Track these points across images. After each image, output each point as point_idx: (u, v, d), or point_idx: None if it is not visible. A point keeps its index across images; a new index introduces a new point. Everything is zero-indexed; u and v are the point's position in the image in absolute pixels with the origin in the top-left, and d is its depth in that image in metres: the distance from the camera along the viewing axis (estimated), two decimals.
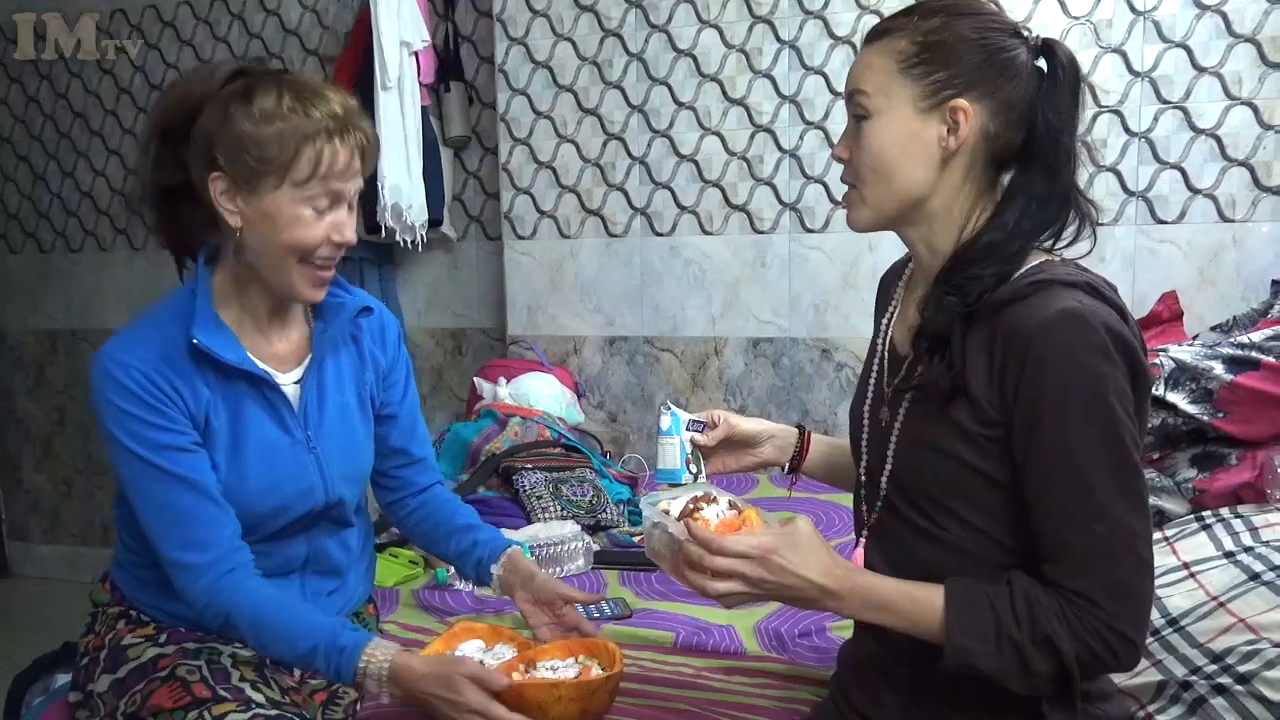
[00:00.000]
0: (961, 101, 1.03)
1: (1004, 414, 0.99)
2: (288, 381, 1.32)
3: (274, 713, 1.18)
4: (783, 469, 1.36)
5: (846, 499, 1.39)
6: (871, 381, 1.18)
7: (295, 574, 1.35)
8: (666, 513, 1.12)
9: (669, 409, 1.34)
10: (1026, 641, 0.96)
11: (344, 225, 1.23)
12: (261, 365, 1.28)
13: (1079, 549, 0.96)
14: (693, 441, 1.33)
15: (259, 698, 1.21)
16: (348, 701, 1.36)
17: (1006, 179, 1.08)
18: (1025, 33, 1.06)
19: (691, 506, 1.11)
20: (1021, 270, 1.03)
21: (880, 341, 1.19)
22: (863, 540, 1.15)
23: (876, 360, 1.18)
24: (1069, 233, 1.06)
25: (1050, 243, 1.06)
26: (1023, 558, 1.02)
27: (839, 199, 2.57)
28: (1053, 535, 0.98)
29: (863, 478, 1.17)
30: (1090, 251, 1.06)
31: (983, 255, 1.03)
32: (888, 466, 1.10)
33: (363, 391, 1.40)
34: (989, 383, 0.99)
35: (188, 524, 1.21)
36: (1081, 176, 1.07)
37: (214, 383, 1.25)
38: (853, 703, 1.18)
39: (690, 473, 1.33)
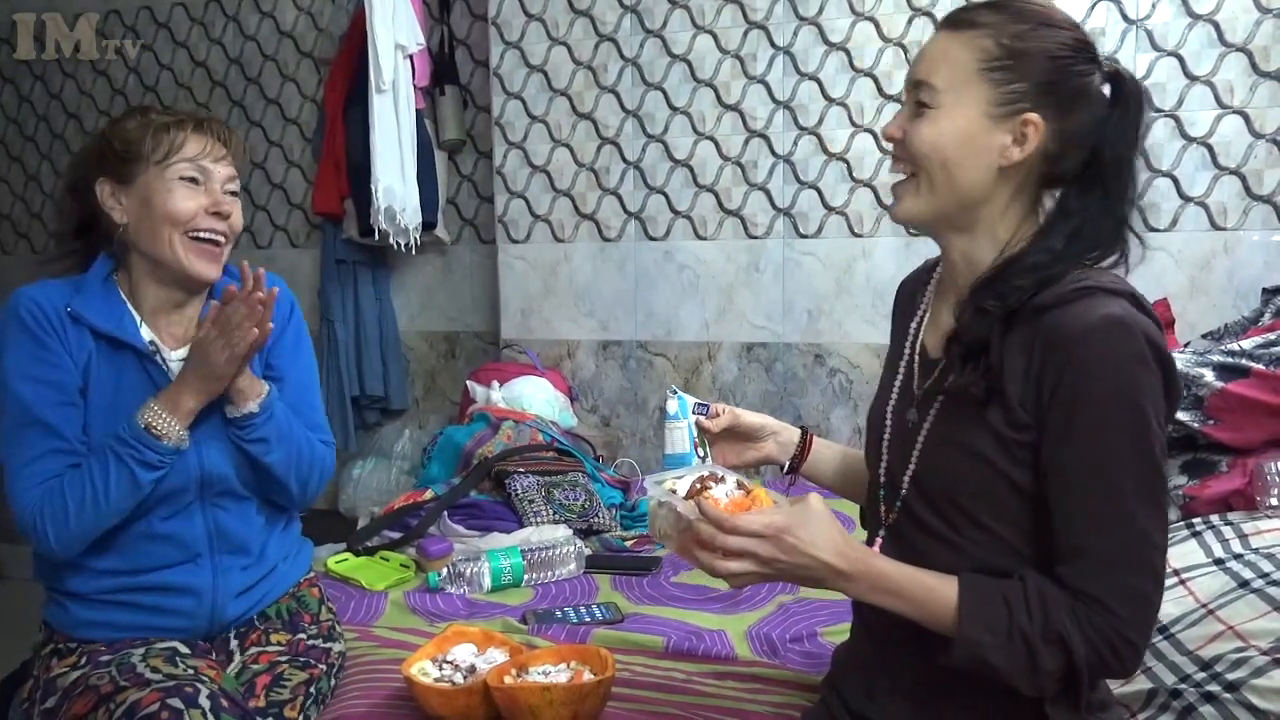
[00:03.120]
0: (1034, 116, 1.02)
1: (1036, 416, 0.99)
2: (175, 359, 1.42)
3: (170, 684, 1.22)
4: (782, 468, 1.36)
5: (844, 505, 1.39)
6: (897, 384, 1.17)
7: (204, 557, 1.41)
8: (673, 492, 1.11)
9: (675, 392, 1.31)
10: (1037, 638, 0.96)
11: (221, 201, 1.40)
12: (148, 338, 1.41)
13: (1098, 553, 0.96)
14: (698, 425, 1.32)
15: (157, 676, 1.25)
16: (294, 683, 1.37)
17: (1048, 200, 1.09)
18: (1101, 57, 1.06)
19: (700, 485, 1.10)
20: (1068, 276, 1.03)
21: (909, 345, 1.18)
22: (879, 540, 1.15)
23: (903, 364, 1.18)
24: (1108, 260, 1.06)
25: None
26: (1027, 561, 1.02)
27: (833, 204, 2.57)
28: (1072, 537, 0.98)
29: (881, 479, 1.16)
30: (1127, 274, 1.07)
31: (1026, 272, 1.02)
32: (911, 467, 1.10)
33: (251, 366, 1.44)
34: (1024, 384, 1.00)
35: (30, 452, 1.33)
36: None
37: (103, 350, 1.38)
38: (849, 704, 1.18)
39: (699, 456, 1.31)
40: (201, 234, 1.39)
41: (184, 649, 1.35)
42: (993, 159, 1.03)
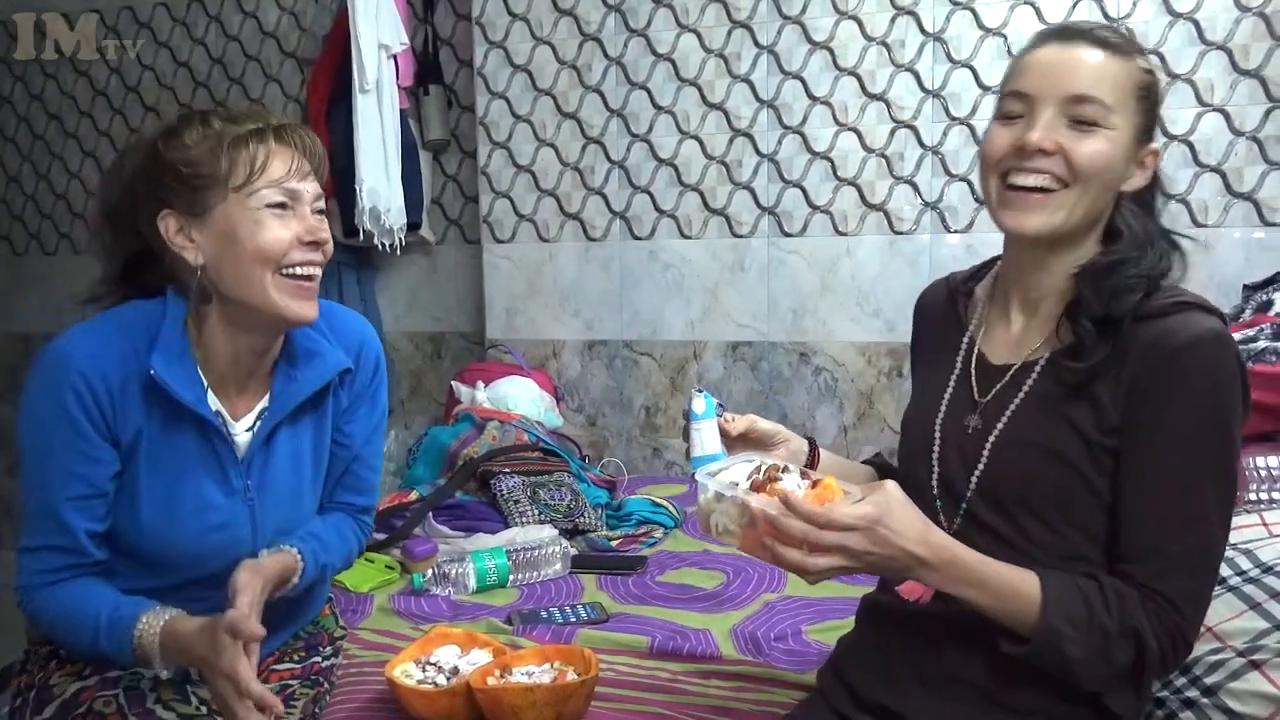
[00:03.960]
0: (1155, 146, 1.08)
1: (1125, 421, 1.02)
2: (240, 430, 1.26)
3: None
4: None
5: None
6: (947, 395, 1.17)
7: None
8: (734, 485, 1.05)
9: (701, 391, 1.25)
10: (1115, 631, 0.98)
11: (310, 224, 1.19)
12: (215, 408, 1.22)
13: (1171, 554, 1.00)
14: (718, 426, 1.26)
15: (169, 715, 1.20)
16: (304, 702, 1.34)
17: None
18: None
19: (764, 478, 1.05)
20: (1160, 290, 1.07)
21: (960, 358, 1.19)
22: None
23: (955, 376, 1.18)
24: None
25: None
26: (1092, 563, 1.05)
27: (817, 203, 2.58)
28: (1146, 537, 1.01)
29: (935, 489, 1.15)
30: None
31: (1138, 260, 1.07)
32: (977, 472, 1.10)
33: (321, 436, 1.33)
34: (1115, 389, 1.02)
35: (37, 539, 1.19)
36: None
37: (156, 417, 1.19)
38: (859, 694, 1.18)
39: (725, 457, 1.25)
40: (297, 270, 1.18)
41: (195, 674, 1.26)
42: (1121, 182, 1.08)
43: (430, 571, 1.88)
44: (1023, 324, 1.15)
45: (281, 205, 1.17)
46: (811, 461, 1.31)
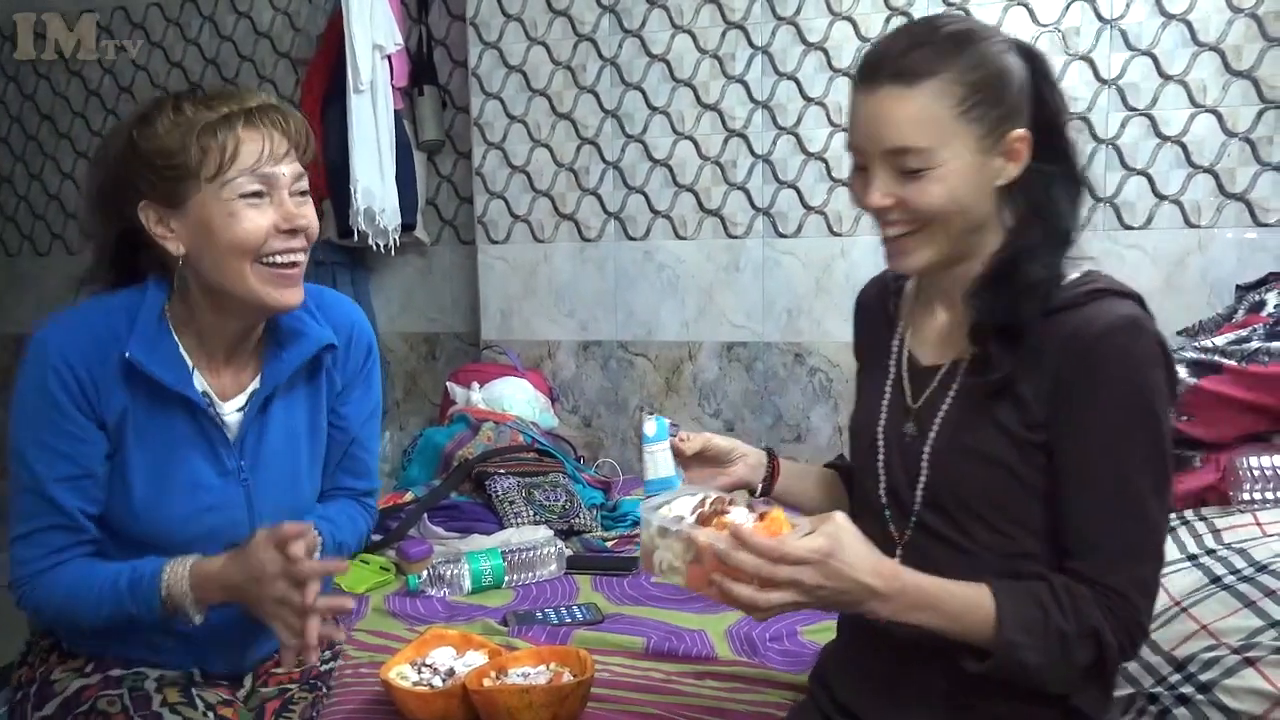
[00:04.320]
0: (1019, 131, 1.02)
1: (1051, 416, 1.00)
2: (230, 410, 1.25)
3: None
4: (754, 491, 1.31)
5: None
6: (885, 401, 1.15)
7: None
8: (679, 520, 1.02)
9: (652, 414, 1.24)
10: (1073, 633, 0.97)
11: (289, 211, 1.16)
12: (201, 390, 1.22)
13: (1115, 546, 0.99)
14: (673, 447, 1.24)
15: (176, 718, 1.19)
16: (303, 706, 1.34)
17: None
18: (1009, 39, 1.06)
19: (710, 511, 1.02)
20: (1072, 279, 1.04)
21: (893, 360, 1.16)
22: (898, 559, 1.12)
23: (890, 380, 1.16)
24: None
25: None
26: (1044, 563, 1.04)
27: (812, 204, 2.58)
28: (1088, 532, 1.00)
29: (884, 499, 1.13)
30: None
31: (1036, 251, 1.03)
32: (921, 480, 1.08)
33: (316, 416, 1.32)
34: (1038, 383, 1.01)
35: (34, 523, 1.18)
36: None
37: (141, 399, 1.18)
38: (840, 701, 1.18)
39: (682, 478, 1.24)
40: (277, 258, 1.16)
41: (199, 677, 1.28)
42: (990, 184, 1.03)
43: (425, 573, 1.88)
44: (947, 320, 1.12)
45: (257, 194, 1.15)
46: (772, 472, 1.28)
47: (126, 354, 1.15)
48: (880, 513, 1.13)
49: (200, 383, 1.22)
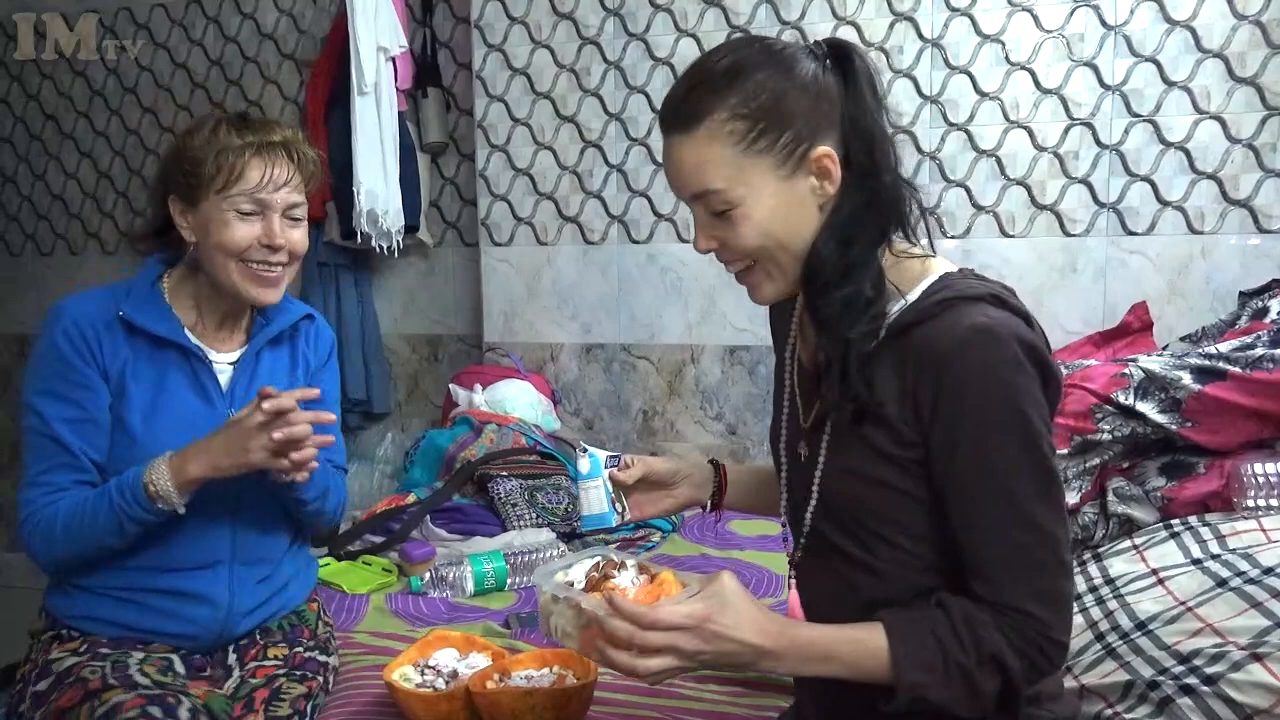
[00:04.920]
0: (820, 149, 0.98)
1: (921, 434, 0.98)
2: (222, 361, 1.43)
3: (156, 691, 1.23)
4: (704, 508, 1.32)
5: (760, 555, 1.32)
6: (784, 416, 1.15)
7: (224, 564, 1.40)
8: (570, 584, 1.02)
9: (586, 450, 1.25)
10: (973, 664, 0.94)
11: (272, 231, 1.36)
12: (195, 341, 1.41)
13: (1007, 561, 0.95)
14: (612, 479, 1.25)
15: (145, 681, 1.27)
16: (294, 696, 1.35)
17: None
18: (811, 47, 1.03)
19: (599, 575, 1.01)
20: (923, 288, 1.01)
21: (789, 375, 1.15)
22: (793, 578, 1.13)
23: (787, 395, 1.14)
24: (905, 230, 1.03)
25: (903, 242, 1.04)
26: (951, 575, 1.01)
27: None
28: (979, 550, 0.97)
29: (784, 514, 1.14)
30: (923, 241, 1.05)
31: (823, 269, 1.00)
32: (813, 500, 1.07)
33: (294, 382, 1.47)
34: (902, 404, 0.97)
35: (43, 465, 1.34)
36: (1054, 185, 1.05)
37: (141, 350, 1.38)
38: (803, 715, 1.17)
39: (617, 513, 1.25)
40: (254, 261, 1.37)
41: (180, 667, 1.35)
42: (811, 204, 1.00)
43: (428, 574, 1.88)
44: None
45: (251, 212, 1.36)
46: (721, 485, 1.29)
47: (120, 312, 1.37)
48: (784, 528, 1.14)
49: (193, 338, 1.41)
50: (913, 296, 1.00)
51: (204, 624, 1.38)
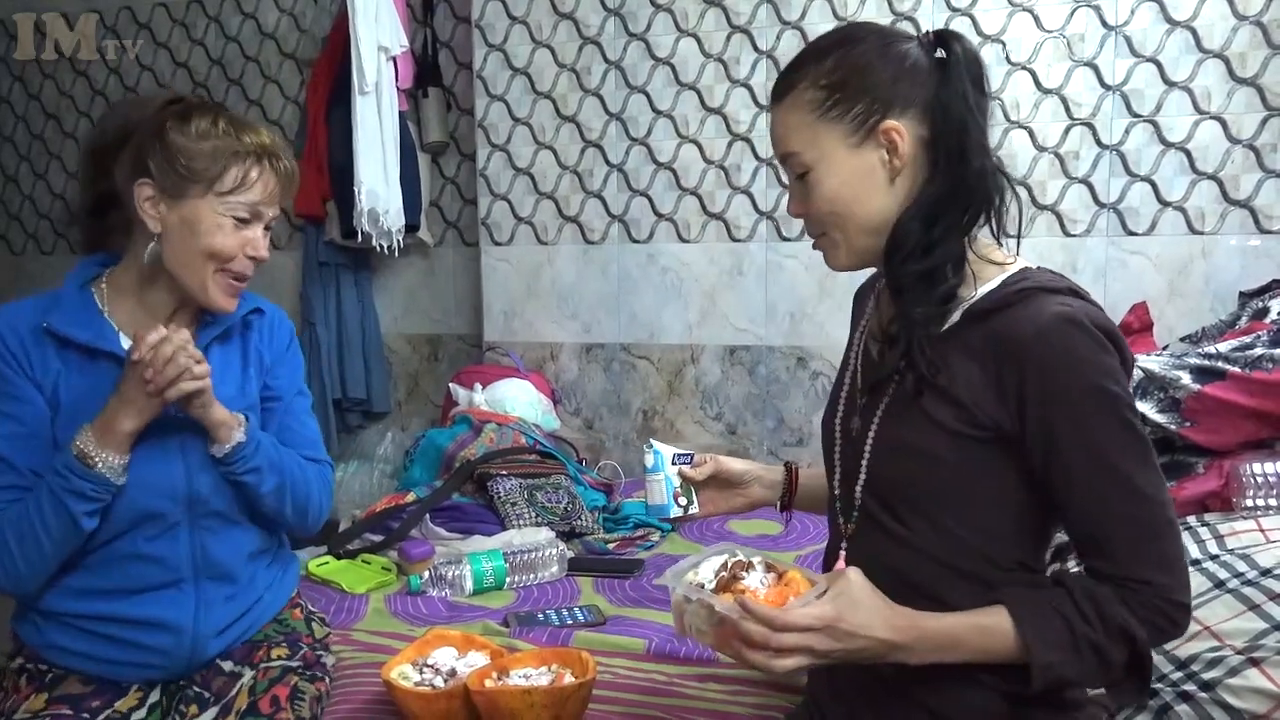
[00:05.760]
0: (888, 122, 1.04)
1: (1001, 421, 1.00)
2: None
3: None
4: (775, 507, 1.37)
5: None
6: (844, 393, 1.18)
7: (187, 582, 1.33)
8: (701, 586, 1.04)
9: (651, 446, 1.34)
10: (1102, 638, 0.97)
11: (258, 242, 1.33)
12: (125, 345, 1.29)
13: (1126, 536, 0.98)
14: (681, 474, 1.33)
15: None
16: (309, 697, 1.34)
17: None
18: (920, 35, 1.08)
19: (729, 576, 1.04)
20: (1003, 278, 1.04)
21: (854, 354, 1.19)
22: (842, 553, 1.14)
23: (850, 373, 1.18)
24: (994, 222, 1.07)
25: (986, 231, 1.07)
26: (988, 561, 1.04)
27: None
28: (1095, 529, 1.00)
29: (836, 490, 1.16)
30: (1007, 237, 1.08)
31: (906, 241, 1.04)
32: (862, 475, 1.10)
33: (247, 386, 1.40)
34: (983, 390, 1.01)
35: None
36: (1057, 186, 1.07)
37: (73, 362, 1.30)
38: (821, 708, 1.18)
39: (680, 505, 1.33)
40: (233, 270, 1.32)
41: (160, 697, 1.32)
42: (880, 176, 1.05)
43: (427, 573, 1.88)
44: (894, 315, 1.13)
45: (244, 220, 1.31)
46: (792, 487, 1.34)
47: (45, 325, 1.29)
48: (834, 505, 1.16)
49: (126, 342, 1.31)
50: (992, 285, 1.04)
51: (169, 652, 1.32)
